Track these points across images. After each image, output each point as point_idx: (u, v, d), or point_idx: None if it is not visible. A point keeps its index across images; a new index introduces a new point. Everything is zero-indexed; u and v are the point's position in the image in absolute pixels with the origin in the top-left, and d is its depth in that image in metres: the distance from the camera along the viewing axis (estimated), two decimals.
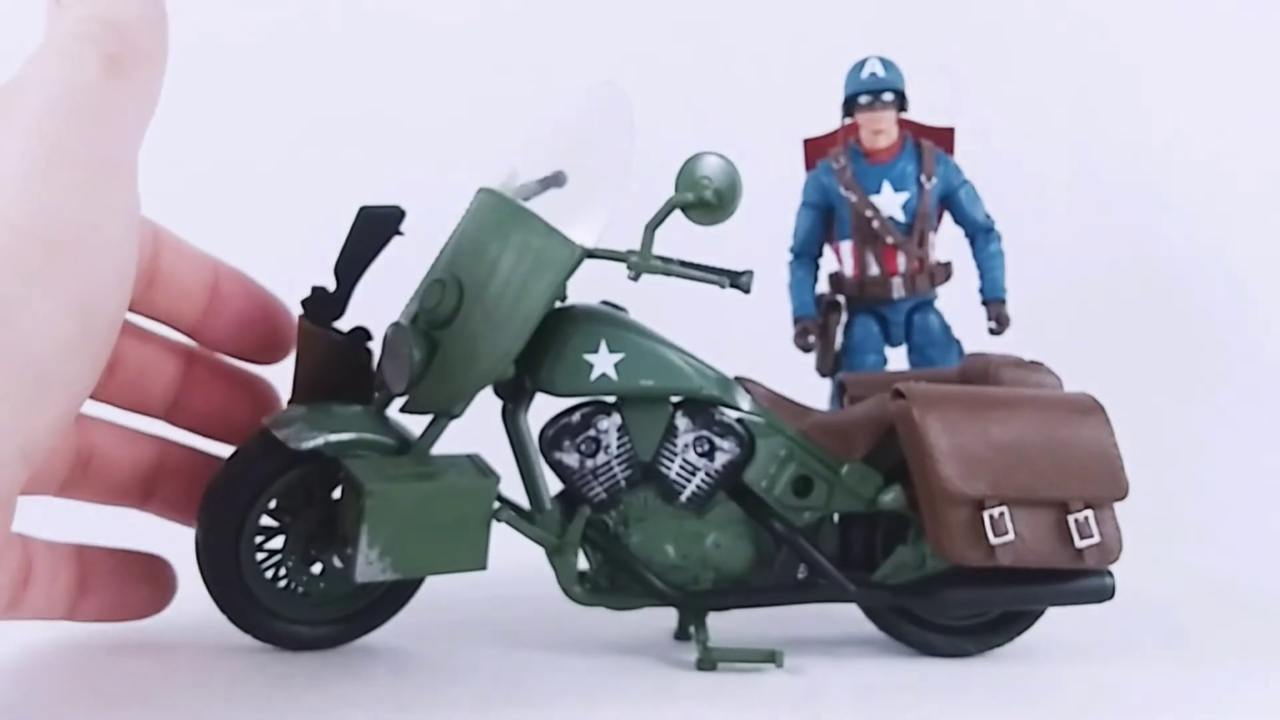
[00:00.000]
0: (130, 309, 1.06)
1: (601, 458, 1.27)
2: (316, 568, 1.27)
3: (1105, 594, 1.26)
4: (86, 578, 1.18)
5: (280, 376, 1.29)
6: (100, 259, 0.88)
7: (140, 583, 1.24)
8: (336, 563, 1.26)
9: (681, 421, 1.27)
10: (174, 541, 1.28)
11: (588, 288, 1.27)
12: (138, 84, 0.91)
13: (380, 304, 1.28)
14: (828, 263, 1.71)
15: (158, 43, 0.93)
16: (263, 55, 2.25)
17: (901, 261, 1.63)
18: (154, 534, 1.29)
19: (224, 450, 1.28)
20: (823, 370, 1.67)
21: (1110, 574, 1.26)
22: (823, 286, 1.70)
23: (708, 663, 1.24)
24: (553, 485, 1.28)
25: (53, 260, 0.84)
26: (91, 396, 1.12)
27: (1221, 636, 1.39)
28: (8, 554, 1.06)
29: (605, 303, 1.31)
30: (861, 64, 1.65)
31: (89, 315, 0.88)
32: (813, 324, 1.65)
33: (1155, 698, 1.19)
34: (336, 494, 1.26)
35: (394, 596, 1.29)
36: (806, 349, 1.66)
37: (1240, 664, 1.30)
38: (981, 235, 1.66)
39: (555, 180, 1.34)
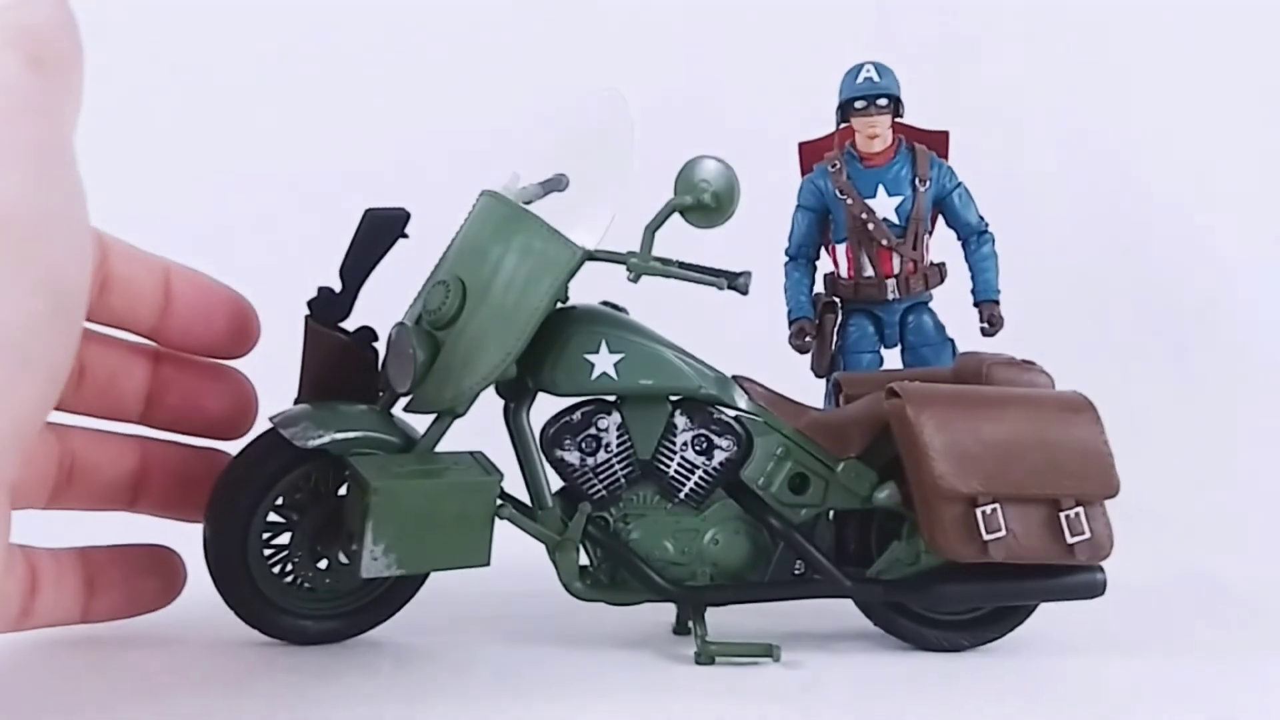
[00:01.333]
0: (89, 318, 1.07)
1: (602, 455, 1.28)
2: (322, 563, 1.29)
3: (1097, 589, 1.28)
4: (94, 578, 1.19)
5: (284, 377, 1.31)
6: (59, 235, 0.91)
7: (149, 575, 1.25)
8: (342, 559, 1.28)
9: (680, 420, 1.29)
10: (176, 541, 1.30)
11: (588, 288, 1.29)
12: (60, 79, 0.96)
13: (385, 304, 1.30)
14: (824, 264, 1.72)
15: (71, 42, 0.98)
16: (268, 59, 2.26)
17: (896, 263, 1.65)
18: (157, 532, 1.30)
19: (204, 444, 1.30)
20: (818, 370, 1.68)
21: (1102, 570, 1.28)
22: (820, 288, 1.72)
23: (706, 657, 1.25)
24: (554, 483, 1.30)
25: (14, 239, 0.86)
26: (66, 408, 1.12)
27: (1212, 631, 1.41)
28: (10, 558, 1.07)
29: (605, 303, 1.33)
30: (857, 69, 1.66)
31: (57, 291, 0.90)
32: (809, 324, 1.67)
33: (1147, 691, 1.21)
34: (342, 491, 1.28)
35: (398, 592, 1.30)
36: (802, 349, 1.67)
37: (1230, 658, 1.31)
38: (975, 237, 1.68)
39: (556, 183, 1.37)
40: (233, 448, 1.28)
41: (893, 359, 1.69)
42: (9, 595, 1.07)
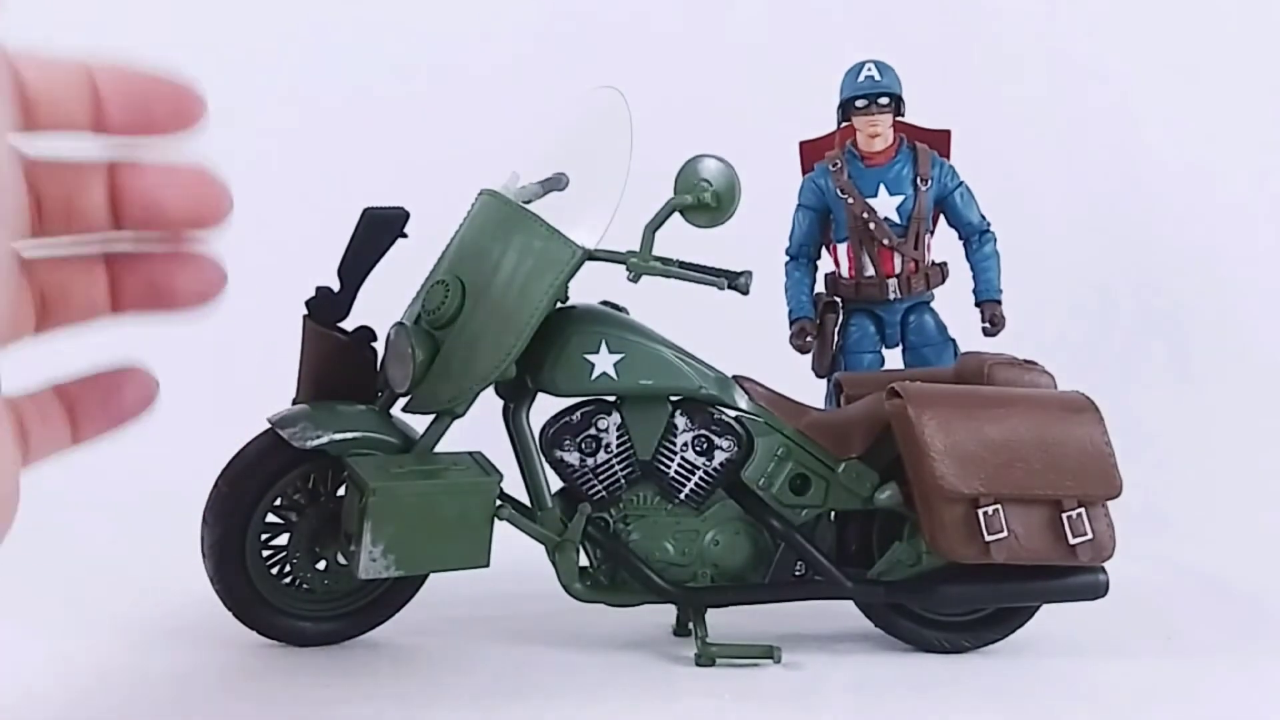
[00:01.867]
0: (28, 129, 1.04)
1: (602, 456, 1.28)
2: (321, 564, 1.29)
3: (1099, 591, 1.28)
4: (73, 406, 1.16)
5: (284, 377, 1.30)
6: None
7: (123, 389, 1.21)
8: (340, 560, 1.27)
9: (680, 420, 1.29)
10: (177, 524, 1.29)
11: (588, 288, 1.29)
12: None
13: (384, 304, 1.29)
14: (825, 264, 1.72)
15: None
16: (268, 58, 2.26)
17: (897, 263, 1.64)
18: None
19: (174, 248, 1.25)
20: (819, 371, 1.68)
21: (1104, 571, 1.27)
22: (820, 287, 1.71)
23: (706, 658, 1.25)
24: (554, 484, 1.30)
25: None
26: (34, 235, 1.10)
27: (1213, 632, 1.41)
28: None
29: (605, 303, 1.33)
30: (858, 67, 1.65)
31: None
32: (810, 324, 1.66)
33: (1148, 692, 1.21)
34: (341, 491, 1.27)
35: (398, 593, 1.30)
36: (803, 349, 1.67)
37: (1230, 658, 1.31)
38: (976, 237, 1.67)
39: (556, 183, 1.36)
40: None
41: (894, 359, 1.69)
42: (5, 444, 1.05)
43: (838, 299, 1.69)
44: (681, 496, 1.29)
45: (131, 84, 1.28)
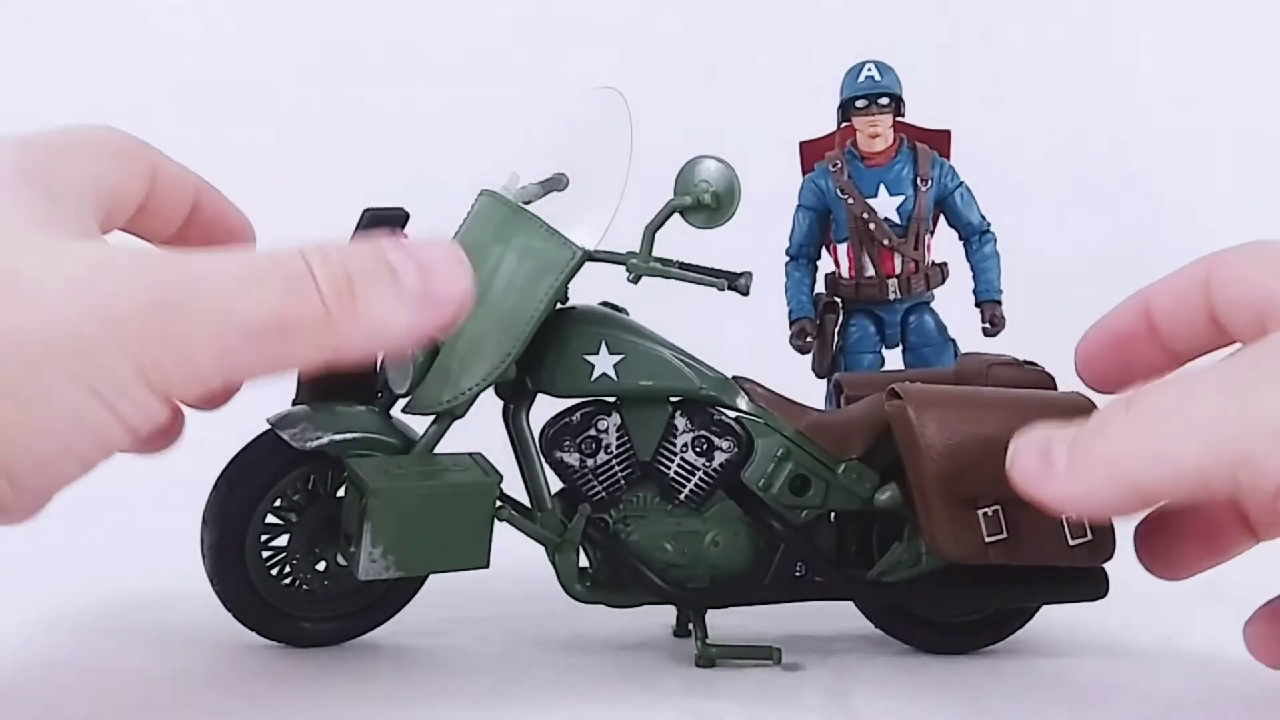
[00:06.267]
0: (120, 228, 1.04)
1: (601, 457, 1.28)
2: (320, 565, 1.29)
3: (1099, 591, 1.28)
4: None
5: (284, 377, 1.30)
6: None
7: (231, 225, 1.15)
8: (340, 561, 1.27)
9: (680, 421, 1.29)
10: (177, 524, 1.29)
11: (588, 288, 1.29)
12: None
13: None
14: (825, 264, 1.72)
15: None
16: (266, 55, 2.27)
17: (897, 263, 1.64)
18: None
19: None
20: (819, 371, 1.68)
21: (1104, 571, 1.28)
22: (820, 288, 1.71)
23: (706, 659, 1.25)
24: (554, 485, 1.30)
25: None
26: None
27: (1213, 632, 1.41)
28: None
29: (605, 304, 1.33)
30: (858, 68, 1.65)
31: None
32: (809, 325, 1.66)
33: (1148, 693, 1.21)
34: (341, 492, 1.28)
35: (397, 594, 1.30)
36: (803, 350, 1.67)
37: (1230, 659, 1.31)
38: (976, 237, 1.67)
39: (556, 183, 1.36)
40: None
41: (894, 359, 1.69)
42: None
43: (838, 299, 1.69)
44: (681, 497, 1.29)
45: (223, 220, 1.24)
